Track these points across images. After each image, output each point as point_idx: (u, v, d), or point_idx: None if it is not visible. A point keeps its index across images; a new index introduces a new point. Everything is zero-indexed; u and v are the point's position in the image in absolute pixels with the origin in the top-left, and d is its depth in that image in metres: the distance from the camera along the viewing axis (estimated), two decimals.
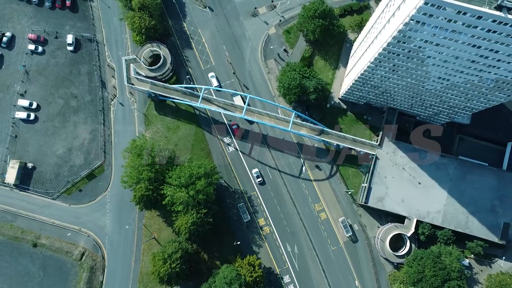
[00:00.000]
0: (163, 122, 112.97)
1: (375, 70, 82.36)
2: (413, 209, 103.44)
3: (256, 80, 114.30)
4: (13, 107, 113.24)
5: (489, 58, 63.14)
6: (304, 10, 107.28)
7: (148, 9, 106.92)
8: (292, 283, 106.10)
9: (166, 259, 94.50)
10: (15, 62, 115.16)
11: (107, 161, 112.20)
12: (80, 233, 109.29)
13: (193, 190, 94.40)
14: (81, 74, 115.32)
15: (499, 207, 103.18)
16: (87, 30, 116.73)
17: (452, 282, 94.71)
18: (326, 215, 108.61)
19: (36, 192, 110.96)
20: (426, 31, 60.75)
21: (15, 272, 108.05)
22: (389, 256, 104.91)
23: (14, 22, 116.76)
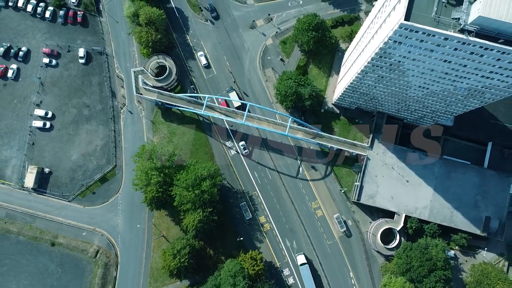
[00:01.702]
0: (169, 128, 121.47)
1: (362, 80, 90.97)
2: (402, 205, 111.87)
3: (255, 88, 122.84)
4: (30, 117, 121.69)
5: (459, 71, 71.87)
6: (299, 23, 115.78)
7: (154, 24, 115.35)
8: (292, 276, 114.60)
9: (175, 254, 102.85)
10: (31, 74, 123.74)
11: (118, 165, 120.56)
12: (95, 232, 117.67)
13: (198, 190, 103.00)
14: (92, 85, 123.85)
15: (481, 202, 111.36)
16: (97, 44, 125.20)
17: (437, 271, 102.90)
18: (322, 212, 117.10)
19: (53, 195, 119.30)
20: (403, 49, 69.44)
21: (35, 270, 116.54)
22: (381, 249, 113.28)
23: (29, 38, 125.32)
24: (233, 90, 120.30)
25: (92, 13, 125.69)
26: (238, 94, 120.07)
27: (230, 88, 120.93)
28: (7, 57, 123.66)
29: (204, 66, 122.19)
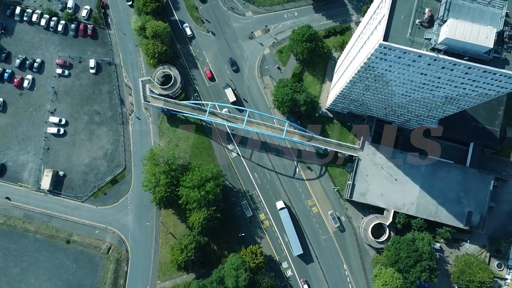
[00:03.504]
0: (174, 133, 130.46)
1: (351, 88, 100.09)
2: (391, 202, 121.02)
3: (254, 95, 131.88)
4: (45, 124, 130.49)
5: (435, 82, 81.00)
6: (294, 34, 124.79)
7: (160, 36, 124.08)
8: (290, 268, 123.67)
9: (183, 249, 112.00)
10: (45, 84, 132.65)
11: (127, 168, 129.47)
12: (107, 230, 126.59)
13: (203, 190, 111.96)
14: (102, 93, 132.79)
15: (464, 198, 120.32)
16: (107, 55, 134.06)
17: (423, 262, 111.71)
18: (317, 209, 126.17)
19: (67, 196, 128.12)
20: (384, 63, 78.50)
21: (52, 265, 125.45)
22: (372, 242, 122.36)
23: (43, 50, 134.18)
24: (229, 86, 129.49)
25: (101, 26, 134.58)
26: (233, 90, 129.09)
27: (226, 84, 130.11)
28: (22, 68, 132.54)
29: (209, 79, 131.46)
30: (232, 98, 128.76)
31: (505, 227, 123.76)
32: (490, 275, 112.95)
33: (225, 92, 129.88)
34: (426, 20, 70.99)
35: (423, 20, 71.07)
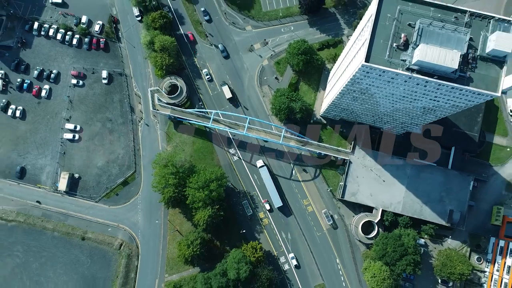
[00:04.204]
0: (180, 138, 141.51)
1: (341, 99, 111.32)
2: (379, 201, 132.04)
3: (253, 103, 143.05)
4: (61, 130, 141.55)
5: (412, 95, 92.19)
6: (290, 48, 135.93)
7: (167, 50, 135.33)
8: (287, 262, 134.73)
9: (189, 245, 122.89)
10: (61, 93, 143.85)
11: (137, 170, 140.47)
12: (118, 228, 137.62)
13: (207, 191, 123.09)
14: (114, 102, 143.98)
15: (446, 197, 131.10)
16: (118, 66, 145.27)
17: (408, 256, 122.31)
18: (312, 208, 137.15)
19: (82, 197, 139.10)
20: (368, 80, 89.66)
21: (69, 260, 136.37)
22: (362, 238, 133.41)
23: (59, 62, 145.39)
24: (226, 84, 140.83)
25: (113, 40, 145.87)
26: (229, 87, 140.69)
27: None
28: (40, 79, 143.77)
29: (208, 80, 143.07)
30: (228, 95, 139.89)
31: (484, 224, 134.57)
32: (469, 267, 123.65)
33: (222, 90, 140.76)
34: (402, 44, 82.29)
35: (399, 44, 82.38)
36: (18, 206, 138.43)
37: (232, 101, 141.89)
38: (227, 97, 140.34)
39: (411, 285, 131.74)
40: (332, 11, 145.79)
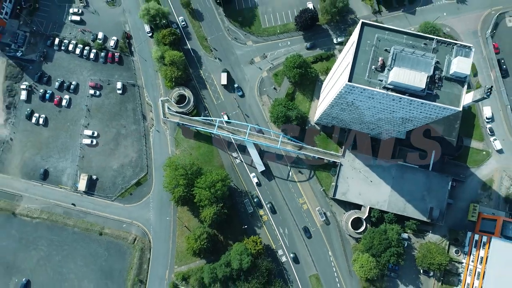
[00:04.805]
0: (188, 143, 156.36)
1: (331, 109, 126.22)
2: (367, 199, 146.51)
3: (254, 111, 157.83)
4: (80, 136, 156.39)
5: (391, 108, 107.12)
6: (287, 61, 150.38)
7: (176, 64, 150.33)
8: (284, 255, 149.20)
9: (196, 239, 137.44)
10: (80, 103, 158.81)
11: (149, 172, 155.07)
12: (132, 224, 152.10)
13: (213, 190, 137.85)
14: (127, 110, 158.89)
15: (427, 196, 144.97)
16: (131, 78, 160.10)
17: (392, 248, 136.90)
18: (307, 206, 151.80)
19: (99, 196, 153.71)
20: (352, 95, 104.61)
21: (88, 253, 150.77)
22: (352, 233, 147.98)
23: (78, 74, 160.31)
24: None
25: (126, 54, 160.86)
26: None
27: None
28: (61, 90, 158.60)
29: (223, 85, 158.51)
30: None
31: (462, 220, 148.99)
32: (446, 258, 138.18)
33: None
34: (379, 67, 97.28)
35: (377, 66, 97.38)
36: (42, 205, 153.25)
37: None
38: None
39: (396, 274, 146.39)
40: (325, 27, 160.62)
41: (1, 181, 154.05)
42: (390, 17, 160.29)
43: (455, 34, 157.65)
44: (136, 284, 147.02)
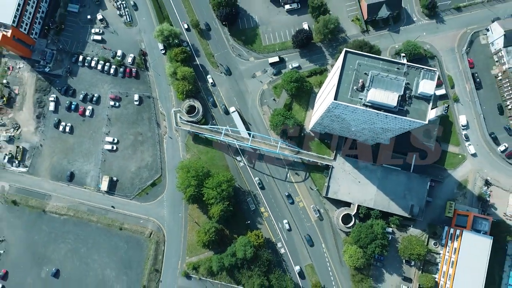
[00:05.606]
0: (197, 148, 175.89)
1: (322, 120, 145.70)
2: (355, 198, 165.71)
3: (255, 119, 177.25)
4: (102, 142, 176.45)
5: (371, 120, 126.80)
6: (284, 76, 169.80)
7: (187, 79, 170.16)
8: (283, 247, 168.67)
9: (205, 232, 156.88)
10: (101, 113, 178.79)
11: (163, 174, 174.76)
12: (149, 220, 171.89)
13: (220, 190, 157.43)
14: (143, 119, 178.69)
15: (408, 195, 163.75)
16: (146, 91, 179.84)
17: (377, 241, 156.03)
18: (303, 204, 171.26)
19: (119, 196, 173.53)
20: (338, 110, 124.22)
21: (109, 246, 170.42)
22: (342, 227, 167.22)
23: (99, 87, 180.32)
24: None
25: (142, 69, 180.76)
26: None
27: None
28: (84, 101, 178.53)
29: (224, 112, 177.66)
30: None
31: (440, 216, 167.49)
32: (424, 249, 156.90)
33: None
34: (359, 87, 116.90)
35: (358, 87, 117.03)
36: (68, 203, 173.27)
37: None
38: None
39: (381, 264, 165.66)
40: (319, 45, 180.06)
41: (33, 182, 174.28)
42: (377, 36, 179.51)
43: (434, 50, 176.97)
44: (152, 273, 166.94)
